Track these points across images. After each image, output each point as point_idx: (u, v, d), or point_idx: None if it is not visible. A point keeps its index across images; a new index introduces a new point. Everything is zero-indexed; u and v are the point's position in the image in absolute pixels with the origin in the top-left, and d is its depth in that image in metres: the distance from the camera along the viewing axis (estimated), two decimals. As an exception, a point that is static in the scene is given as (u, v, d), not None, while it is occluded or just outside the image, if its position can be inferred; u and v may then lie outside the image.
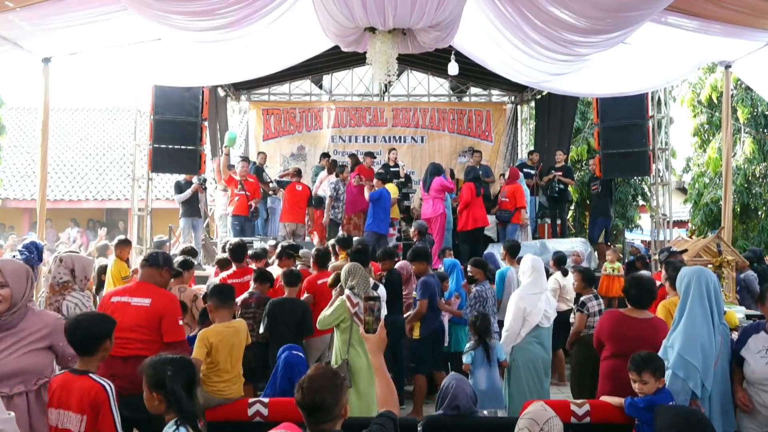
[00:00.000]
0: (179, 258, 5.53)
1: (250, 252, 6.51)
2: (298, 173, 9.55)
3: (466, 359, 4.73)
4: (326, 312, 4.42)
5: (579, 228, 13.91)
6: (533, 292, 4.63)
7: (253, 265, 6.33)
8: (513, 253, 6.42)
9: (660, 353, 3.36)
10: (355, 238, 6.77)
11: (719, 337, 3.32)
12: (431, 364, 5.59)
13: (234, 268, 5.87)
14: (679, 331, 3.33)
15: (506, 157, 13.63)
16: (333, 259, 6.31)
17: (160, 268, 3.74)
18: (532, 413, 2.37)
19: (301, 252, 6.50)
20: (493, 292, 5.66)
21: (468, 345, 4.83)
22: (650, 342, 3.56)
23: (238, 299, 4.89)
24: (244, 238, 7.38)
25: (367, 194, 8.38)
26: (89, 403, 2.57)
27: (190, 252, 6.44)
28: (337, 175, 9.62)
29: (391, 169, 10.13)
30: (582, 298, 5.21)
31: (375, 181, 8.61)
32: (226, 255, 6.32)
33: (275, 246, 6.85)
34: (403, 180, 10.37)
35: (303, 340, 4.91)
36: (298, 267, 5.95)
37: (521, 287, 4.75)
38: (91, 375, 2.65)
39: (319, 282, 5.44)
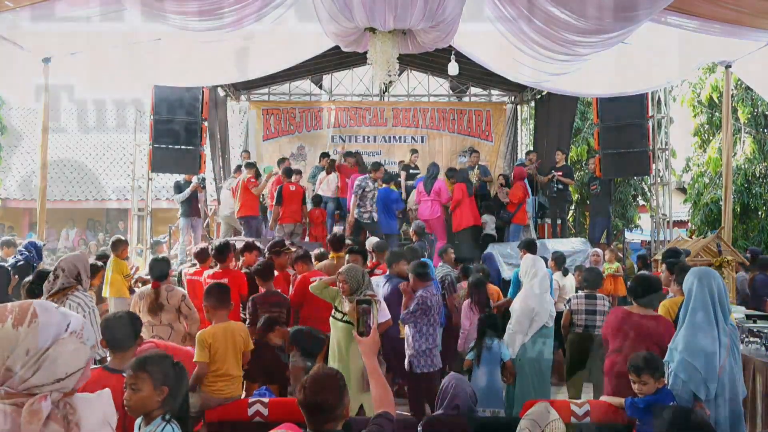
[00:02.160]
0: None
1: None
2: (287, 173, 9.23)
3: (468, 356, 4.73)
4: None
5: (579, 228, 13.89)
6: (539, 292, 4.65)
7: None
8: (532, 250, 6.26)
9: (666, 356, 3.35)
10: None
11: (725, 338, 3.23)
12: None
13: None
14: (682, 333, 3.30)
15: (506, 157, 13.62)
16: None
17: None
18: (534, 414, 2.37)
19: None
20: (438, 299, 4.83)
21: (472, 343, 4.83)
22: (652, 339, 3.56)
23: None
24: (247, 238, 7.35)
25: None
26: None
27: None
28: (355, 172, 9.26)
29: (411, 171, 10.28)
30: (570, 296, 5.33)
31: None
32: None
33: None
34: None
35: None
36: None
37: (526, 288, 4.75)
38: (125, 374, 2.66)
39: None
